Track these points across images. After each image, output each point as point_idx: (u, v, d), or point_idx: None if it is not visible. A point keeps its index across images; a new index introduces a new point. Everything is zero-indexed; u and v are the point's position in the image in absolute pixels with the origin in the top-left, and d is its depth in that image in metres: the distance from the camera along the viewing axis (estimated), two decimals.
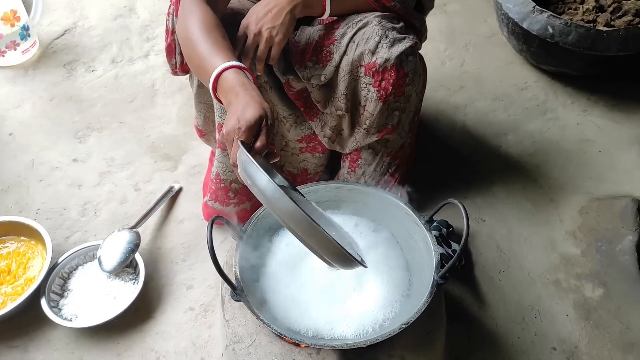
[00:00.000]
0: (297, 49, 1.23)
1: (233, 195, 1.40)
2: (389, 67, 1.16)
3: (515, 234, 1.50)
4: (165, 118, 1.81)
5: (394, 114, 1.26)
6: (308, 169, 1.47)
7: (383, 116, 1.25)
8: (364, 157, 1.37)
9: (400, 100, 1.23)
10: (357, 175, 1.42)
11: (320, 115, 1.33)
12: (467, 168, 1.66)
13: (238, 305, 1.10)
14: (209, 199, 1.43)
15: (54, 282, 1.32)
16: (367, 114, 1.25)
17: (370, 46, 1.16)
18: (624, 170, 1.66)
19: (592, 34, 1.72)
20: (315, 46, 1.22)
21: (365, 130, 1.29)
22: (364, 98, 1.24)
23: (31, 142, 1.71)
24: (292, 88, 1.29)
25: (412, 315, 0.96)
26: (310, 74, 1.24)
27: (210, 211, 1.44)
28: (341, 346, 0.95)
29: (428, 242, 1.07)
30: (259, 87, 1.27)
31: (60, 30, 2.10)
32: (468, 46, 2.11)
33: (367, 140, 1.31)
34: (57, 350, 1.26)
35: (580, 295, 1.37)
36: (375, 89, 1.20)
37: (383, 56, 1.16)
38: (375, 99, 1.21)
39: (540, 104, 1.88)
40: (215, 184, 1.39)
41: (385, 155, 1.37)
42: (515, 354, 1.26)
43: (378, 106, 1.22)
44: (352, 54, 1.19)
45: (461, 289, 1.37)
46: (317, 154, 1.43)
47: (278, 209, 0.88)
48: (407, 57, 1.17)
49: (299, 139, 1.39)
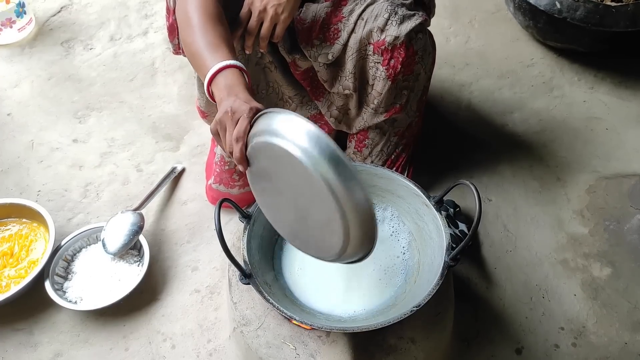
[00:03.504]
0: (303, 26, 1.20)
1: (238, 178, 1.38)
2: (398, 45, 1.14)
3: (522, 213, 1.49)
4: (166, 97, 1.78)
5: (403, 93, 1.24)
6: None
7: (391, 95, 1.22)
8: (371, 137, 1.35)
9: (409, 79, 1.21)
10: (363, 156, 1.40)
11: (326, 95, 1.31)
12: (472, 147, 1.64)
13: (246, 288, 1.09)
14: (213, 182, 1.41)
15: (58, 264, 1.31)
16: (375, 93, 1.23)
17: (379, 23, 1.13)
18: (632, 148, 1.64)
19: (600, 10, 1.69)
20: (322, 24, 1.19)
21: (373, 110, 1.27)
22: (372, 77, 1.21)
23: (30, 122, 1.68)
24: (298, 67, 1.26)
25: (424, 298, 0.95)
26: (317, 53, 1.21)
27: (215, 194, 1.42)
28: (352, 329, 0.94)
29: (438, 223, 1.06)
30: (264, 67, 1.25)
31: (56, 7, 2.05)
32: (473, 22, 2.07)
33: (374, 120, 1.29)
34: (63, 333, 1.25)
35: (588, 275, 1.36)
36: (384, 67, 1.17)
37: (392, 34, 1.13)
38: (383, 78, 1.19)
39: (547, 81, 1.85)
40: (220, 167, 1.37)
41: (392, 135, 1.35)
42: (523, 334, 1.26)
43: (387, 85, 1.19)
44: (360, 32, 1.16)
45: (468, 269, 1.37)
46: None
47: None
48: (417, 34, 1.15)
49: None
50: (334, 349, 1.00)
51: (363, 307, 1.05)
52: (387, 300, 1.06)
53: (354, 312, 1.04)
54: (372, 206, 0.83)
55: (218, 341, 1.23)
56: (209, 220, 1.45)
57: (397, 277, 1.09)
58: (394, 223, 1.17)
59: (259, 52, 1.21)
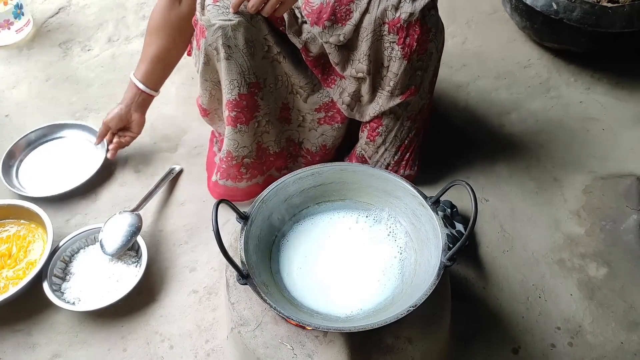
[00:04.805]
0: (313, 8, 1.20)
1: (245, 171, 1.39)
2: (413, 22, 1.16)
3: (519, 213, 1.49)
4: (163, 98, 1.78)
5: (417, 74, 1.26)
6: (327, 144, 1.44)
7: (407, 76, 1.25)
8: (385, 124, 1.36)
9: (423, 58, 1.23)
10: (376, 145, 1.41)
11: (338, 81, 1.32)
12: (469, 147, 1.65)
13: (243, 288, 1.10)
14: (219, 178, 1.42)
15: (56, 265, 1.31)
16: (391, 74, 1.24)
17: (392, 1, 1.16)
18: (628, 149, 1.65)
19: (596, 10, 1.69)
20: (333, 5, 1.20)
21: (389, 93, 1.28)
22: (387, 58, 1.23)
23: (28, 123, 1.69)
24: (310, 53, 1.27)
25: (420, 298, 0.95)
26: (328, 34, 1.21)
27: (221, 190, 1.43)
28: (348, 329, 0.94)
29: (435, 223, 1.06)
30: (272, 60, 1.26)
31: (54, 8, 2.05)
32: (470, 23, 2.08)
33: (390, 104, 1.30)
34: (61, 334, 1.26)
35: (585, 275, 1.37)
36: (399, 46, 1.19)
37: (407, 10, 1.15)
38: (399, 58, 1.20)
39: (544, 82, 1.86)
40: (226, 162, 1.38)
41: (405, 120, 1.37)
42: (520, 334, 1.27)
43: (403, 65, 1.21)
44: (374, 12, 1.17)
45: (465, 269, 1.37)
46: (335, 124, 1.40)
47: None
48: (429, 11, 1.17)
49: (317, 108, 1.37)
50: (331, 349, 1.01)
51: (360, 307, 1.05)
52: (384, 300, 1.06)
53: (351, 312, 1.04)
54: None
55: (216, 341, 1.24)
56: (206, 221, 1.45)
57: (394, 278, 1.09)
58: (391, 223, 1.17)
59: (266, 46, 1.23)
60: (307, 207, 1.21)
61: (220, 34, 1.15)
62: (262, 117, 1.32)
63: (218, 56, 1.19)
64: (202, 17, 1.19)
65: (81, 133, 1.64)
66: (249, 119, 1.30)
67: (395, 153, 1.43)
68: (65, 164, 1.57)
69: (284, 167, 1.47)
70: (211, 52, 1.20)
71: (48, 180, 1.53)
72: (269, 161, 1.43)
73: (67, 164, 1.57)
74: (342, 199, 1.21)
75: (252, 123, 1.31)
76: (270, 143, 1.39)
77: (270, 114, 1.33)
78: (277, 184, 1.13)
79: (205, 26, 1.17)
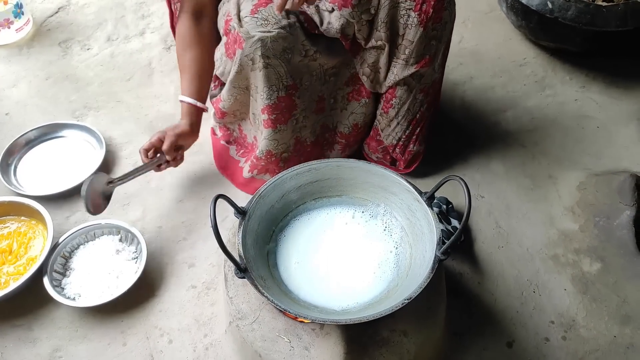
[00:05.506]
0: None
1: (284, 164, 1.44)
2: None
3: (514, 210, 1.51)
4: (162, 97, 1.80)
5: (431, 44, 1.29)
6: (358, 122, 1.49)
7: (422, 44, 1.28)
8: (398, 95, 1.39)
9: (437, 27, 1.26)
10: (389, 117, 1.45)
11: (361, 52, 1.35)
12: (466, 145, 1.67)
13: (241, 282, 1.11)
14: (256, 174, 1.48)
15: (56, 261, 1.33)
16: (407, 42, 1.27)
17: None
18: (622, 146, 1.67)
19: (591, 9, 1.71)
20: None
21: (404, 62, 1.31)
22: (403, 26, 1.26)
23: (28, 121, 1.70)
24: (347, 37, 1.30)
25: (414, 291, 0.97)
26: (359, 11, 1.24)
27: (258, 184, 1.44)
28: (344, 321, 0.96)
29: (429, 218, 1.08)
30: (308, 62, 1.31)
31: (54, 7, 2.07)
32: (466, 22, 2.09)
33: (405, 73, 1.33)
34: (61, 329, 1.27)
35: (578, 270, 1.38)
36: (416, 13, 1.22)
37: None
38: (415, 25, 1.24)
39: (539, 80, 1.88)
40: (266, 160, 1.43)
41: (418, 92, 1.40)
42: (514, 328, 1.28)
43: (418, 32, 1.25)
44: None
45: (461, 264, 1.39)
46: (362, 99, 1.44)
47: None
48: None
49: (346, 81, 1.42)
50: (327, 341, 1.02)
51: (356, 301, 1.07)
52: (380, 293, 1.08)
53: (347, 305, 1.06)
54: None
55: (214, 335, 1.25)
56: (205, 218, 1.47)
57: (390, 271, 1.11)
58: (387, 219, 1.19)
59: (303, 51, 1.27)
60: (304, 202, 1.22)
61: (259, 46, 1.19)
62: (300, 113, 1.37)
63: (253, 66, 1.23)
64: (240, 28, 1.21)
65: (81, 133, 1.65)
66: (287, 118, 1.35)
67: (407, 127, 1.46)
68: (63, 163, 1.58)
69: (321, 156, 1.52)
70: (246, 63, 1.23)
71: (45, 178, 1.54)
72: (306, 152, 1.48)
73: (65, 163, 1.59)
74: (339, 194, 1.23)
75: (290, 121, 1.36)
76: (307, 134, 1.44)
77: (306, 109, 1.38)
78: (274, 180, 1.15)
79: (244, 38, 1.20)
